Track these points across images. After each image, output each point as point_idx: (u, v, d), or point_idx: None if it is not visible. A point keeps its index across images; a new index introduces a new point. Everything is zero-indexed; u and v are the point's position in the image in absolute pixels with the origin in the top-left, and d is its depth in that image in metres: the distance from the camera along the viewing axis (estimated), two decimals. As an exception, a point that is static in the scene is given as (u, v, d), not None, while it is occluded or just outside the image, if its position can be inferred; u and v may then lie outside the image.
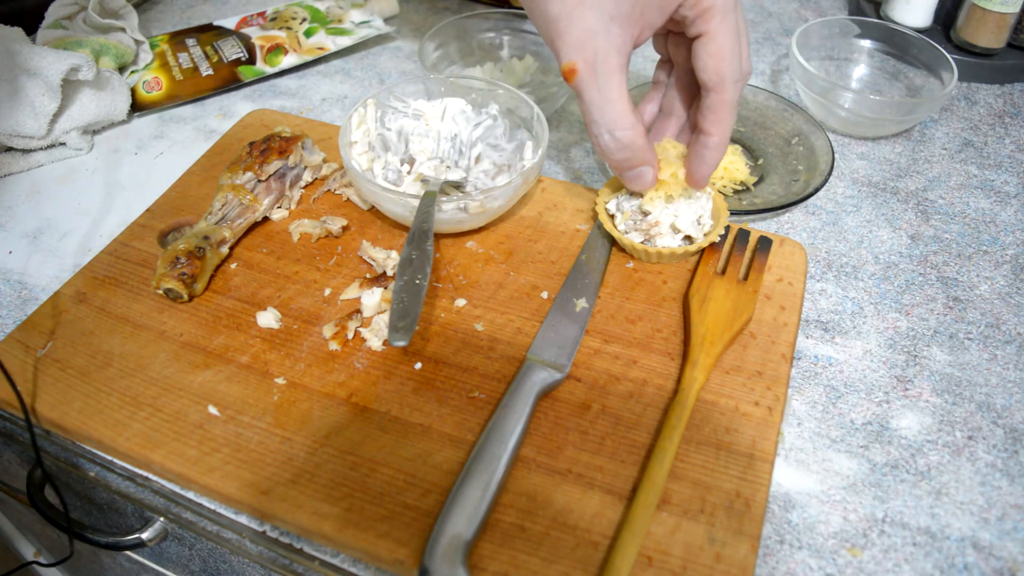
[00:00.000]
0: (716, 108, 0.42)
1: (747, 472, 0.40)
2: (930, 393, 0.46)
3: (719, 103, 0.42)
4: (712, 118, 0.43)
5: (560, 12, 0.40)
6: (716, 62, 0.41)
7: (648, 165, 0.45)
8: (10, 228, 0.58)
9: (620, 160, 0.45)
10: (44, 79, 0.60)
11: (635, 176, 0.46)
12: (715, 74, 0.41)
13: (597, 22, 0.40)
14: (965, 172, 0.62)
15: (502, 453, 0.39)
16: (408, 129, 0.56)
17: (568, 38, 0.41)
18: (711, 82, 0.42)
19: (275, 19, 0.77)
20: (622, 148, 0.44)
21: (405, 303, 0.42)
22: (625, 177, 0.47)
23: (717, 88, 0.42)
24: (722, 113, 0.43)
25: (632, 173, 0.46)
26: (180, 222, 0.55)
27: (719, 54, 0.41)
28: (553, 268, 0.51)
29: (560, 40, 0.41)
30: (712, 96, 0.42)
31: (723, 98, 0.42)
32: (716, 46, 0.41)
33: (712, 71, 0.41)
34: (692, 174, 0.46)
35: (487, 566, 0.36)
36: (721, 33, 0.40)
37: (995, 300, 0.51)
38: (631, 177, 0.46)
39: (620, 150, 0.44)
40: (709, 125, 0.43)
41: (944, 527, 0.40)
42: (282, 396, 0.44)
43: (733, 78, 0.42)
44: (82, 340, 0.47)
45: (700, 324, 0.46)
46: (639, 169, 0.45)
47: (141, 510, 0.49)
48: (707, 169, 0.45)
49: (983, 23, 0.68)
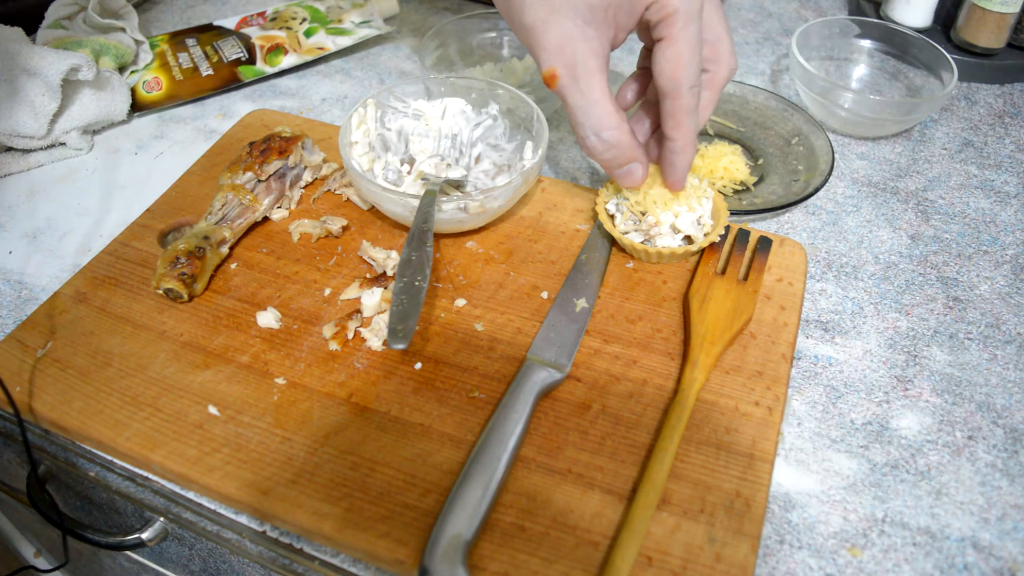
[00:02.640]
0: (674, 113, 0.43)
1: (747, 472, 0.40)
2: (930, 393, 0.46)
3: (676, 108, 0.43)
4: (672, 123, 0.44)
5: (535, 20, 0.41)
6: (672, 68, 0.41)
7: (636, 161, 0.46)
8: (10, 228, 0.58)
9: (608, 159, 0.46)
10: (44, 79, 0.60)
11: (625, 174, 0.47)
12: (671, 80, 0.42)
13: (572, 27, 0.41)
14: (965, 172, 0.62)
15: (502, 453, 0.39)
16: (408, 129, 0.56)
17: (546, 44, 0.41)
18: (668, 88, 0.42)
19: (275, 19, 0.77)
20: (609, 148, 0.45)
21: (405, 305, 0.42)
22: (615, 175, 0.47)
23: (673, 94, 0.42)
24: (680, 118, 0.43)
25: (622, 171, 0.47)
26: (180, 222, 0.55)
27: (676, 59, 0.41)
28: (553, 268, 0.51)
29: (538, 47, 0.42)
30: (668, 102, 0.43)
31: (679, 104, 0.43)
32: (674, 51, 0.41)
33: (669, 76, 0.42)
34: (666, 178, 0.48)
35: (487, 566, 0.36)
36: (681, 40, 0.41)
37: (995, 300, 0.51)
38: (621, 175, 0.47)
39: (607, 150, 0.45)
40: (670, 130, 0.44)
41: (944, 527, 0.40)
42: (282, 396, 0.44)
43: (689, 84, 0.42)
44: (82, 340, 0.47)
45: (700, 324, 0.46)
46: (628, 167, 0.46)
47: (141, 510, 0.49)
48: (679, 173, 0.46)
49: (983, 23, 0.68)
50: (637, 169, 0.46)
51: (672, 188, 0.48)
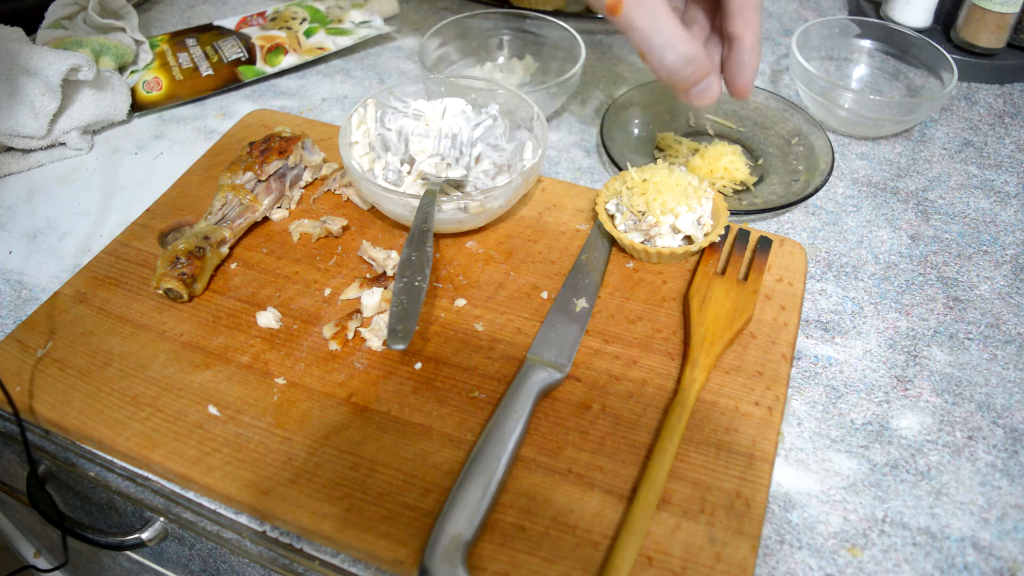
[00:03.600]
0: (743, 10, 0.43)
1: (747, 472, 0.40)
2: (930, 393, 0.46)
3: (745, 3, 0.42)
4: (741, 21, 0.43)
5: None
6: None
7: (713, 74, 0.45)
8: (10, 228, 0.58)
9: (688, 75, 0.44)
10: (44, 79, 0.60)
11: (703, 89, 0.45)
12: None
13: None
14: (965, 172, 0.62)
15: (502, 453, 0.39)
16: (408, 129, 0.56)
17: None
18: None
19: (275, 19, 0.77)
20: (689, 61, 0.43)
21: (404, 305, 0.42)
22: (693, 93, 0.46)
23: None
24: (750, 13, 0.43)
25: (700, 87, 0.45)
26: (180, 222, 0.55)
27: None
28: (553, 268, 0.51)
29: None
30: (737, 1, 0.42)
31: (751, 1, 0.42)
32: None
33: None
34: (735, 82, 0.46)
35: (487, 566, 0.36)
36: None
37: (995, 300, 0.51)
38: (699, 92, 0.45)
39: (687, 64, 0.43)
40: (740, 28, 0.43)
41: (944, 527, 0.40)
42: (282, 396, 0.44)
43: None
44: (82, 340, 0.47)
45: (700, 324, 0.46)
46: (706, 81, 0.45)
47: (141, 510, 0.49)
48: (749, 74, 0.45)
49: (983, 23, 0.68)
50: (715, 82, 0.45)
51: (742, 93, 0.46)
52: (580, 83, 0.72)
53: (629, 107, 0.64)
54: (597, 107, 0.69)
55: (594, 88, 0.71)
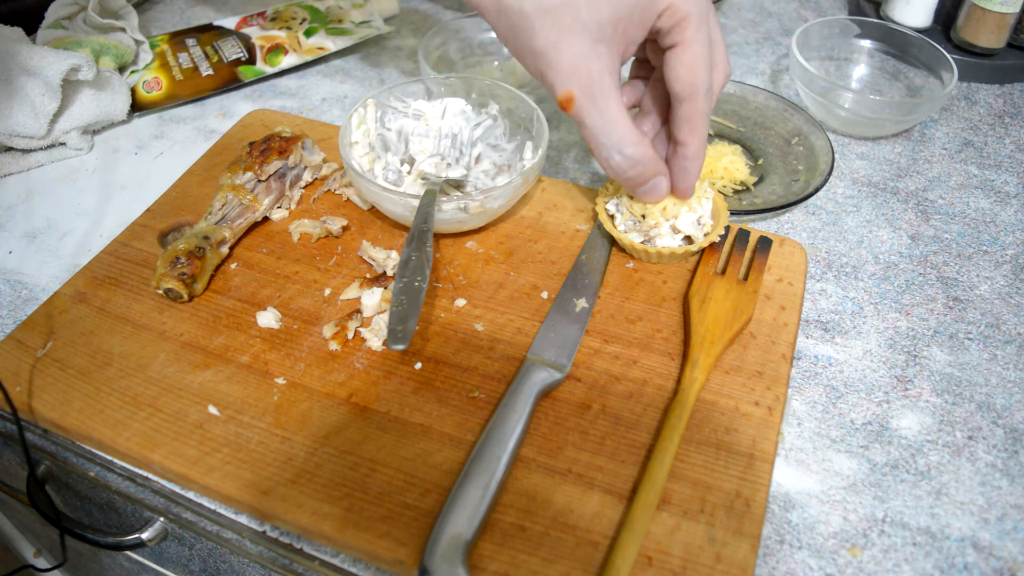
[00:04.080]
0: (690, 118, 0.43)
1: (747, 472, 0.40)
2: (930, 393, 0.46)
3: (693, 112, 0.42)
4: (687, 128, 0.43)
5: (546, 44, 0.40)
6: (689, 72, 0.41)
7: (661, 175, 0.45)
8: (10, 228, 0.58)
9: (634, 176, 0.45)
10: (44, 79, 0.60)
11: (650, 189, 0.46)
12: (688, 85, 0.41)
13: (584, 47, 0.40)
14: (965, 172, 0.62)
15: (502, 453, 0.39)
16: (408, 129, 0.56)
17: (559, 67, 0.41)
18: (684, 93, 0.42)
19: (275, 19, 0.77)
20: (634, 164, 0.44)
21: (404, 306, 0.42)
22: (640, 192, 0.46)
23: (690, 98, 0.42)
24: (696, 123, 0.43)
25: (646, 187, 0.46)
26: (180, 222, 0.55)
27: (692, 64, 0.41)
28: (553, 268, 0.51)
29: (551, 71, 0.41)
30: (685, 106, 0.42)
31: (696, 107, 0.42)
32: (689, 56, 0.41)
33: (686, 82, 0.41)
34: (676, 186, 0.47)
35: (487, 566, 0.36)
36: (695, 43, 0.40)
37: (995, 300, 0.51)
38: (646, 191, 0.46)
39: (632, 167, 0.44)
40: (685, 136, 0.43)
41: (944, 527, 0.40)
42: (282, 396, 0.44)
43: (705, 87, 0.42)
44: (82, 340, 0.47)
45: (700, 324, 0.46)
46: (653, 182, 0.45)
47: (141, 510, 0.49)
48: (690, 179, 0.46)
49: (983, 23, 0.68)
50: (662, 183, 0.46)
51: (683, 196, 0.47)
52: (580, 83, 0.72)
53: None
54: (597, 107, 0.69)
55: (594, 88, 0.71)
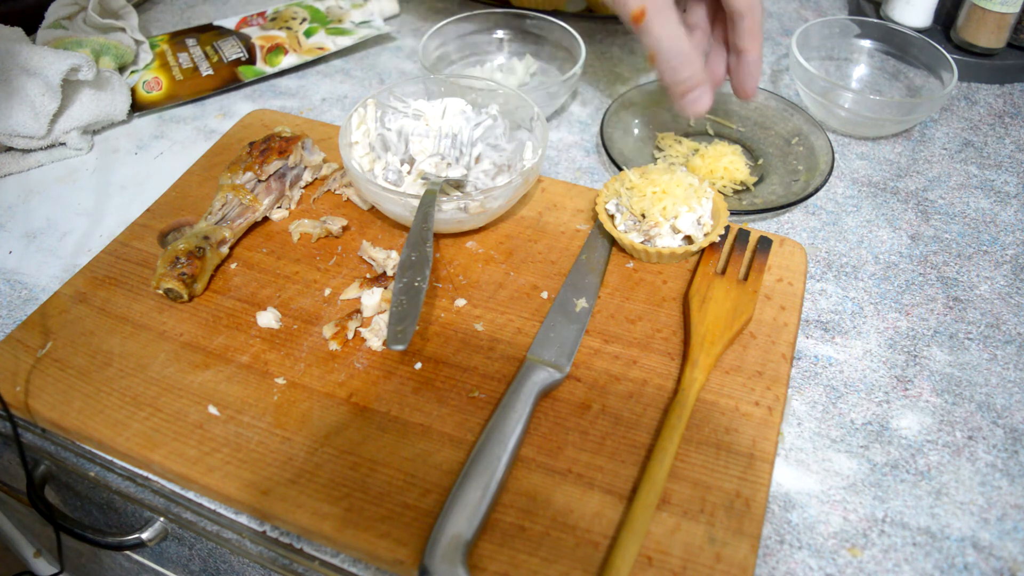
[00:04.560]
0: (751, 29, 0.51)
1: (747, 472, 0.40)
2: (930, 393, 0.46)
3: (753, 24, 0.50)
4: (748, 38, 0.51)
5: None
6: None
7: (707, 86, 0.51)
8: (10, 228, 0.58)
9: (685, 79, 0.51)
10: (44, 79, 0.60)
11: (696, 99, 0.52)
12: (746, 3, 0.50)
13: None
14: (965, 172, 0.62)
15: (502, 453, 0.39)
16: (408, 129, 0.56)
17: None
18: (744, 9, 0.50)
19: (275, 19, 0.77)
20: (687, 65, 0.50)
21: (404, 306, 0.42)
22: (685, 101, 0.52)
23: (750, 13, 0.50)
24: (755, 32, 0.51)
25: (693, 95, 0.52)
26: (180, 222, 0.55)
27: None
28: (553, 268, 0.51)
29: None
30: (746, 21, 0.50)
31: (755, 19, 0.50)
32: None
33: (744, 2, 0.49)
34: (743, 87, 0.54)
35: (487, 566, 0.36)
36: None
37: (995, 300, 0.51)
38: (692, 100, 0.52)
39: (685, 67, 0.50)
40: (747, 44, 0.51)
41: (944, 527, 0.40)
42: (282, 396, 0.44)
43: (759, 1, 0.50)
44: (82, 340, 0.47)
45: (700, 324, 0.46)
46: (700, 90, 0.51)
47: (141, 510, 0.49)
48: (754, 81, 0.54)
49: (983, 23, 0.68)
50: (707, 94, 0.52)
51: (748, 95, 0.54)
52: (580, 83, 0.72)
53: (629, 107, 0.64)
54: (597, 107, 0.69)
55: (594, 88, 0.71)
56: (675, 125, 0.65)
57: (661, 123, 0.65)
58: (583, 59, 0.63)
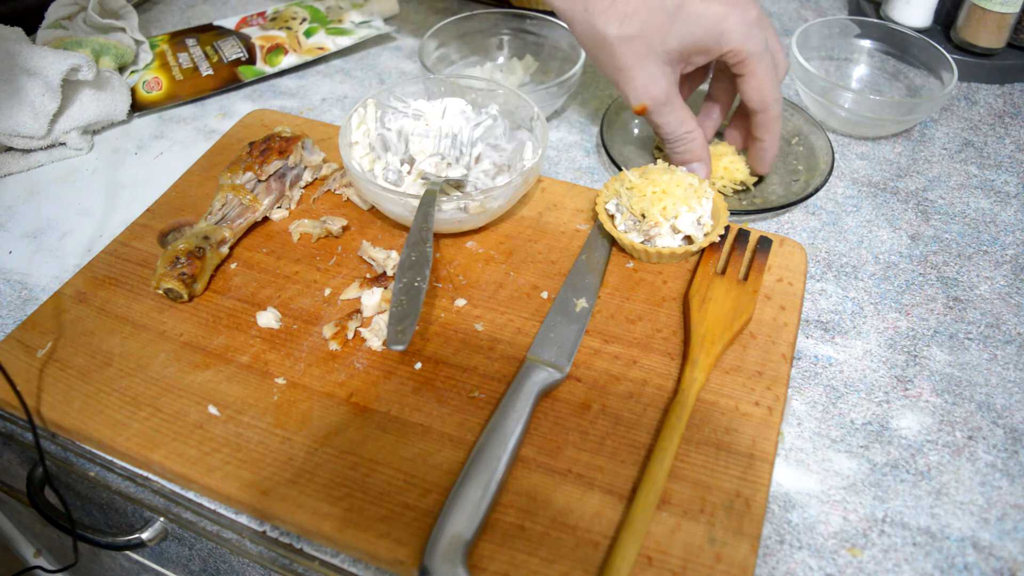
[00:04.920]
0: (765, 123, 0.54)
1: (747, 472, 0.40)
2: (930, 393, 0.46)
3: (767, 119, 0.53)
4: (763, 130, 0.54)
5: (624, 65, 0.51)
6: (759, 94, 0.51)
7: (704, 161, 0.55)
8: (10, 228, 0.58)
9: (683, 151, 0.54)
10: (44, 79, 0.60)
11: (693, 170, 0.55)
12: (760, 103, 0.52)
13: (656, 70, 0.51)
14: (965, 172, 0.62)
15: (502, 453, 0.39)
16: (408, 129, 0.56)
17: (635, 84, 0.51)
18: (758, 107, 0.52)
19: (275, 19, 0.77)
20: (687, 145, 0.54)
21: (404, 306, 0.42)
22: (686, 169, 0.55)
23: (763, 111, 0.52)
24: (770, 125, 0.54)
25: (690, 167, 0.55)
26: (180, 222, 0.55)
27: (760, 88, 0.51)
28: (553, 268, 0.51)
29: (628, 86, 0.52)
30: (760, 116, 0.53)
31: (769, 116, 0.53)
32: (757, 82, 0.51)
33: (758, 101, 0.52)
34: (757, 167, 0.57)
35: (487, 566, 0.36)
36: (759, 72, 0.50)
37: (995, 300, 0.51)
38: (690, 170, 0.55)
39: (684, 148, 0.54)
40: (762, 135, 0.55)
41: (944, 527, 0.40)
42: (282, 396, 0.44)
43: (774, 99, 0.52)
44: (82, 340, 0.47)
45: (700, 324, 0.46)
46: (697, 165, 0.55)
47: (141, 510, 0.49)
48: (768, 162, 0.57)
49: (983, 23, 0.68)
50: (701, 169, 0.55)
51: (763, 170, 0.57)
52: (580, 83, 0.72)
53: (629, 107, 0.64)
54: (597, 107, 0.69)
55: (594, 88, 0.71)
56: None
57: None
58: (583, 59, 0.63)
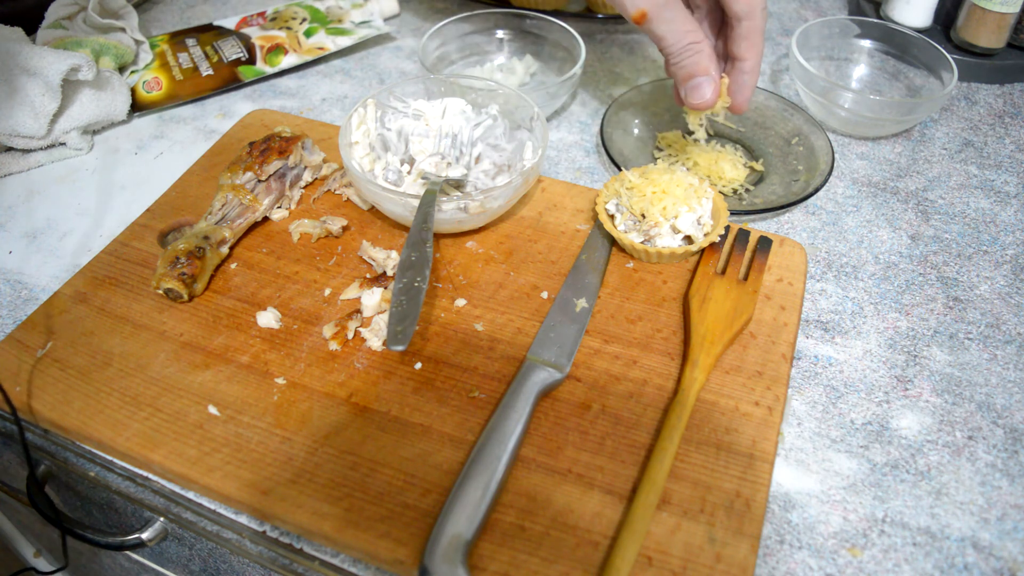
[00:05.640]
0: (749, 35, 0.48)
1: (747, 472, 0.40)
2: (930, 393, 0.46)
3: (751, 30, 0.47)
4: (746, 44, 0.48)
5: None
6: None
7: (710, 76, 0.49)
8: (10, 228, 0.58)
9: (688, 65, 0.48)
10: (44, 79, 0.60)
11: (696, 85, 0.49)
12: (746, 5, 0.47)
13: None
14: (965, 172, 0.62)
15: (502, 453, 0.39)
16: (408, 129, 0.56)
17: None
18: (743, 12, 0.47)
19: (275, 19, 0.77)
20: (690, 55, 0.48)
21: (404, 306, 0.42)
22: (688, 87, 0.49)
23: (749, 16, 0.47)
24: (754, 39, 0.48)
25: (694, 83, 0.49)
26: (180, 222, 0.55)
27: None
28: (553, 268, 0.51)
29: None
30: (744, 24, 0.47)
31: (754, 25, 0.47)
32: None
33: (744, 2, 0.46)
34: (734, 99, 0.51)
35: (487, 566, 0.36)
36: None
37: (995, 300, 0.51)
38: (693, 87, 0.49)
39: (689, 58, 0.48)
40: (744, 51, 0.48)
41: (944, 527, 0.40)
42: (282, 396, 0.44)
43: (761, 6, 0.47)
44: (82, 340, 0.47)
45: (700, 324, 0.46)
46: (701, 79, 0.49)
47: (141, 510, 0.49)
48: (747, 92, 0.50)
49: (983, 23, 0.68)
50: (709, 85, 0.49)
51: (739, 108, 0.51)
52: (580, 83, 0.72)
53: (629, 107, 0.64)
54: (597, 107, 0.69)
55: (594, 88, 0.71)
56: (675, 125, 0.65)
57: (661, 123, 0.65)
58: (583, 59, 0.63)
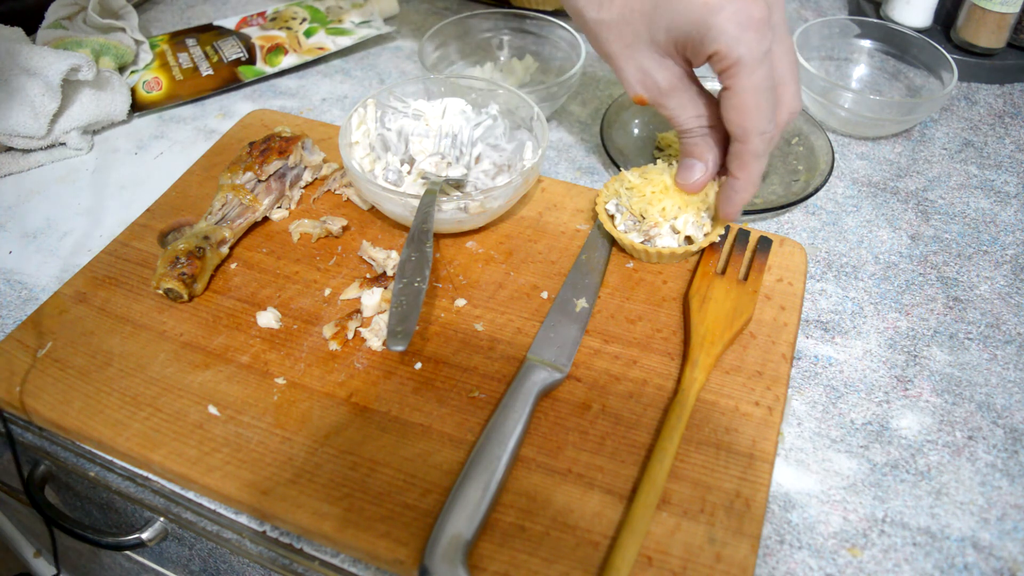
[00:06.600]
0: (740, 156, 0.44)
1: (747, 472, 0.40)
2: (930, 393, 0.46)
3: (743, 152, 0.44)
4: (737, 163, 0.45)
5: (612, 51, 0.45)
6: (739, 116, 0.42)
7: (702, 162, 0.47)
8: (10, 228, 0.58)
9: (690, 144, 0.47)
10: (44, 79, 0.60)
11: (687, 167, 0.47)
12: (738, 128, 0.42)
13: (652, 62, 0.44)
14: (965, 172, 0.62)
15: (502, 453, 0.39)
16: (408, 129, 0.56)
17: (625, 75, 0.46)
18: (736, 133, 0.43)
19: (275, 19, 0.77)
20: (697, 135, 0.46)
21: (404, 306, 0.42)
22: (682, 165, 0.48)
23: (741, 139, 0.43)
24: (746, 160, 0.44)
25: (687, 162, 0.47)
26: (180, 222, 0.55)
27: (741, 109, 0.41)
28: (553, 268, 0.51)
29: (619, 76, 0.47)
30: (736, 145, 0.44)
31: (746, 148, 0.43)
32: (739, 101, 0.41)
33: (736, 124, 0.42)
34: (720, 210, 0.48)
35: (487, 566, 0.36)
36: (745, 90, 0.41)
37: (995, 300, 0.51)
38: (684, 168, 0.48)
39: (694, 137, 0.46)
40: (734, 170, 0.45)
41: (944, 527, 0.40)
42: (282, 396, 0.44)
43: (758, 131, 0.42)
44: (82, 340, 0.47)
45: (700, 324, 0.46)
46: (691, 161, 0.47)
47: (141, 510, 0.49)
48: (733, 208, 0.47)
49: (983, 23, 0.68)
50: (698, 169, 0.47)
51: (725, 220, 0.49)
52: (580, 83, 0.72)
53: (629, 107, 0.64)
54: (597, 107, 0.69)
55: (594, 88, 0.71)
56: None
57: (661, 123, 0.65)
58: (583, 59, 0.63)
